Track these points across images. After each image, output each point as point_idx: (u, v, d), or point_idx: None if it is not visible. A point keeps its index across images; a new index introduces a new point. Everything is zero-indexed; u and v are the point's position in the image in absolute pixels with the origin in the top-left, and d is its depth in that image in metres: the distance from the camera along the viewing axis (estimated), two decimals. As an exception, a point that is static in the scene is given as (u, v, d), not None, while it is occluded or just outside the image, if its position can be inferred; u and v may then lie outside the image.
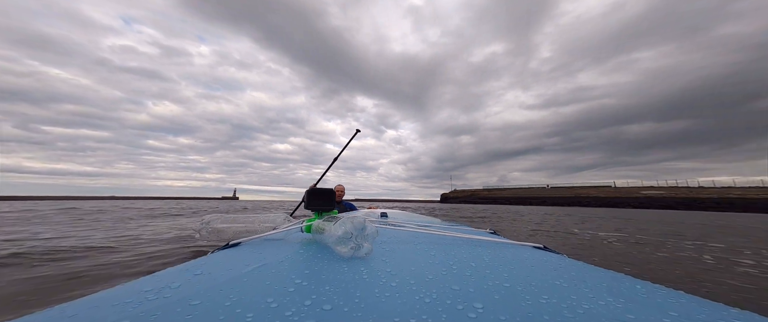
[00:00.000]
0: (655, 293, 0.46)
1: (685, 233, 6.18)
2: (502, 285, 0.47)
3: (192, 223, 6.51)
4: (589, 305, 0.40)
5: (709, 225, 8.82)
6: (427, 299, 0.40)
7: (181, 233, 4.60)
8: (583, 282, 0.50)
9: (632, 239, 5.11)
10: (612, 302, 0.41)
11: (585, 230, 6.44)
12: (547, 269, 0.60)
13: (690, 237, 5.51)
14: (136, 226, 5.49)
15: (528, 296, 0.42)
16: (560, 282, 0.50)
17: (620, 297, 0.43)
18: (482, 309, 0.37)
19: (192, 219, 7.70)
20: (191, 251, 3.14)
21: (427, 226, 1.27)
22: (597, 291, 0.45)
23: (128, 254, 2.87)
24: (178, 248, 3.30)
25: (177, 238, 4.00)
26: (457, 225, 1.73)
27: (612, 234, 5.79)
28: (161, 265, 2.56)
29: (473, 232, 1.34)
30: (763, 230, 7.31)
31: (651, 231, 6.51)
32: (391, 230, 1.09)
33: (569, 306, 0.39)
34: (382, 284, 0.46)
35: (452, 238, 0.95)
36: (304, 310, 0.35)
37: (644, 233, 6.00)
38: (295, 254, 0.68)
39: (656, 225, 8.22)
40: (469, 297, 0.41)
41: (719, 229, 7.55)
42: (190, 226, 5.76)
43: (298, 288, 0.43)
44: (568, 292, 0.45)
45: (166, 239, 3.84)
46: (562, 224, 8.22)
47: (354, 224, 0.64)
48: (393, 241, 0.88)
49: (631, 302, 0.41)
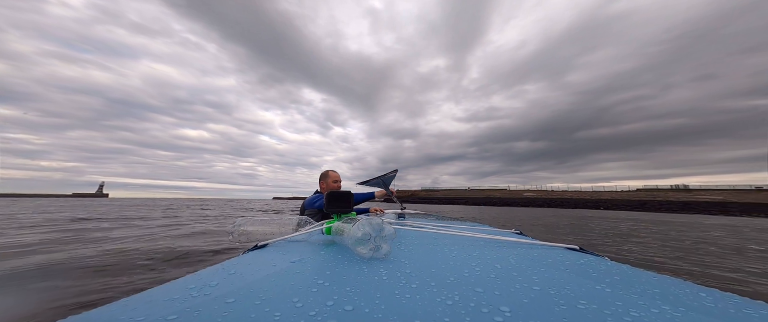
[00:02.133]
0: (725, 301, 0.40)
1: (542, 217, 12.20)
2: (531, 288, 0.44)
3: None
4: (638, 312, 0.35)
5: (558, 215, 15.40)
6: (448, 301, 0.38)
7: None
8: (630, 287, 0.45)
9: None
10: (668, 311, 0.36)
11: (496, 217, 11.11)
12: (585, 271, 0.55)
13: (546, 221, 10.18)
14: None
15: (562, 301, 0.39)
16: (601, 286, 0.45)
17: (680, 306, 0.37)
18: (510, 313, 0.35)
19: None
20: (223, 250, 3.27)
21: (446, 226, 1.24)
22: (648, 298, 0.40)
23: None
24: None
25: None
26: (478, 225, 1.68)
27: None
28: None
29: (496, 232, 1.30)
30: (574, 217, 13.50)
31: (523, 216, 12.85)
32: (410, 231, 1.08)
33: (614, 313, 0.35)
34: (402, 285, 0.46)
35: (473, 238, 0.93)
36: (326, 310, 0.36)
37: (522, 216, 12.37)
38: (317, 255, 0.70)
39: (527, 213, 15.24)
40: (495, 300, 0.39)
41: (554, 215, 14.75)
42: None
43: (321, 289, 0.44)
44: (611, 297, 0.40)
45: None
46: (487, 214, 13.31)
47: (372, 225, 0.66)
48: (412, 242, 0.87)
49: (694, 311, 0.36)
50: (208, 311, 0.37)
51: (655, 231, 6.77)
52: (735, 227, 8.90)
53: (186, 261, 2.86)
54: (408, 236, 0.99)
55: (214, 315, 0.35)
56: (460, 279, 0.49)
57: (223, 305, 0.38)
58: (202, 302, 0.40)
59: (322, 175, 2.37)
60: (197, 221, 7.24)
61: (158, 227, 5.59)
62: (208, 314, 0.36)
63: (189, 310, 0.37)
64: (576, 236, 5.62)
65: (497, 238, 0.88)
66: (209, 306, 0.38)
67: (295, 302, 0.39)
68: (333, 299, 0.40)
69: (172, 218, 8.06)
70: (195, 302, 0.40)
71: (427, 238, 0.94)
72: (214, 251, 3.31)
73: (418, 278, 0.50)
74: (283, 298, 0.41)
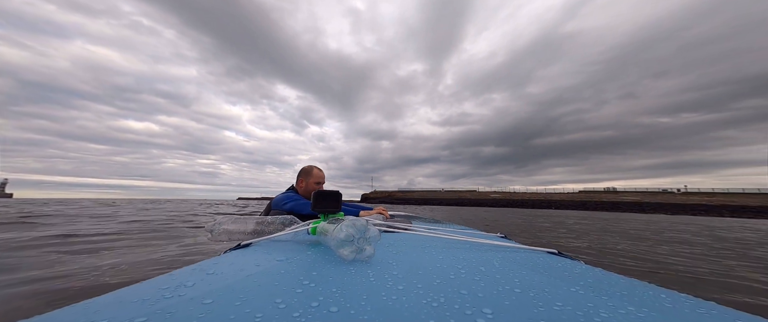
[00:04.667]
0: (682, 303, 0.43)
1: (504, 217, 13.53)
2: (513, 291, 0.45)
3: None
4: (608, 313, 0.37)
5: (519, 213, 18.05)
6: (434, 303, 0.39)
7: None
8: (602, 289, 0.48)
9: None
10: (634, 312, 0.38)
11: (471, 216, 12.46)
12: (562, 274, 0.57)
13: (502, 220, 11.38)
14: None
15: (540, 303, 0.40)
16: (576, 289, 0.47)
17: (643, 307, 0.40)
18: (491, 315, 0.35)
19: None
20: (201, 250, 3.04)
21: (434, 229, 1.26)
22: (616, 299, 0.43)
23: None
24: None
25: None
26: (465, 229, 1.71)
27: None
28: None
29: (482, 236, 1.29)
30: (525, 215, 15.97)
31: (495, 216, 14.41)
32: (398, 234, 1.08)
33: (585, 314, 0.37)
34: (389, 287, 0.45)
35: (460, 242, 0.94)
36: (311, 311, 0.35)
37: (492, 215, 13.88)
38: (302, 255, 0.68)
39: (496, 214, 17.33)
40: (478, 302, 0.40)
41: (524, 215, 15.83)
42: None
43: (306, 290, 0.43)
44: (584, 299, 0.42)
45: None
46: (460, 214, 14.71)
47: (356, 226, 0.64)
48: (400, 244, 0.87)
49: (656, 311, 0.38)
50: (183, 313, 0.34)
51: (592, 227, 8.12)
52: (648, 222, 11.73)
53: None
54: (397, 238, 0.99)
55: (189, 316, 0.33)
56: (446, 282, 0.49)
57: (200, 306, 0.36)
58: (175, 303, 0.37)
59: (303, 171, 2.00)
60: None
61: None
62: (182, 316, 0.33)
63: (160, 312, 0.34)
64: (553, 235, 6.08)
65: (483, 241, 0.90)
66: (184, 307, 0.36)
67: (278, 303, 0.38)
68: (318, 300, 0.39)
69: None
70: (167, 303, 0.37)
71: (416, 240, 0.95)
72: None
73: (406, 280, 0.49)
74: (265, 299, 0.39)
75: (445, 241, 0.95)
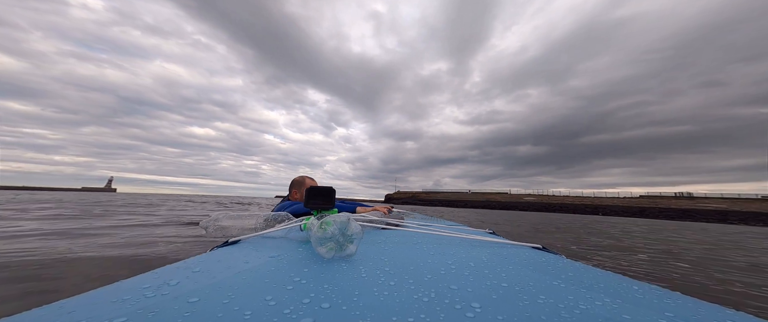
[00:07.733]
0: (651, 293, 0.46)
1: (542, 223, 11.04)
2: (500, 285, 0.47)
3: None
4: (586, 305, 0.40)
5: (558, 220, 14.64)
6: (425, 298, 0.40)
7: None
8: (581, 282, 0.50)
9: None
10: (609, 303, 0.41)
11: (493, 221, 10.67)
12: (545, 269, 0.60)
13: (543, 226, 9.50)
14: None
15: (525, 296, 0.42)
16: (558, 282, 0.50)
17: (617, 298, 0.43)
18: (480, 309, 0.37)
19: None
20: (197, 245, 2.92)
21: (426, 226, 1.28)
22: (594, 291, 0.46)
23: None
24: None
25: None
26: (455, 225, 1.74)
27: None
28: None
29: (472, 232, 1.34)
30: (572, 222, 12.80)
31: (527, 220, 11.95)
32: (391, 231, 1.10)
33: (566, 306, 0.39)
34: (380, 283, 0.46)
35: (451, 238, 0.95)
36: (302, 307, 0.35)
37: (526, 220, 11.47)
38: (294, 252, 0.68)
39: (532, 218, 14.46)
40: (467, 297, 0.41)
41: (557, 219, 13.70)
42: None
43: (297, 286, 0.43)
44: (565, 292, 0.45)
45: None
46: (486, 218, 12.93)
47: (337, 223, 0.61)
48: (392, 241, 0.88)
49: (628, 302, 0.42)
50: (166, 312, 0.33)
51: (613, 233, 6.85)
52: (707, 232, 9.10)
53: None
54: (389, 235, 1.01)
55: (173, 316, 0.32)
56: (436, 277, 0.50)
57: (185, 305, 0.35)
58: (158, 302, 0.36)
59: (295, 182, 1.89)
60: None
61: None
62: (165, 315, 0.32)
63: (141, 311, 0.33)
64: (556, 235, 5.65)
65: (472, 237, 0.93)
66: (167, 306, 0.34)
67: (268, 300, 0.37)
68: (309, 297, 0.39)
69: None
70: (149, 303, 0.35)
71: (408, 237, 0.96)
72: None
73: (397, 275, 0.50)
74: (254, 296, 0.39)
75: (435, 237, 0.97)
